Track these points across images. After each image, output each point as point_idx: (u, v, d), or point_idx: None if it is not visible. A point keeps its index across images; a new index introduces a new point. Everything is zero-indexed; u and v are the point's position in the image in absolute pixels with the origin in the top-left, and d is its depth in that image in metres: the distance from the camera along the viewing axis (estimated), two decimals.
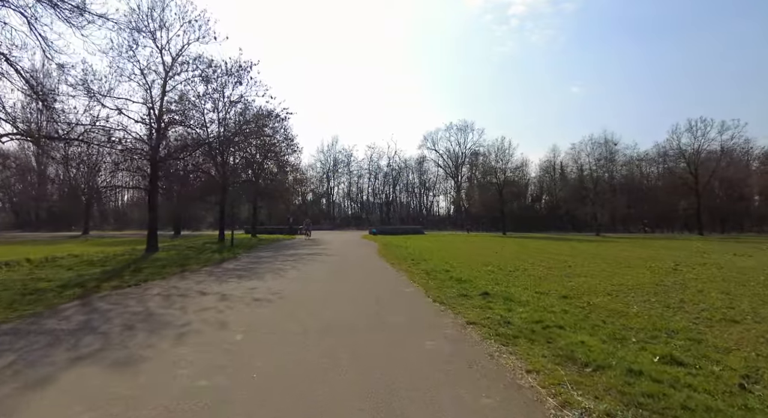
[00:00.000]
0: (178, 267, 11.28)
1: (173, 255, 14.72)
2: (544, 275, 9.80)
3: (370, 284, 8.54)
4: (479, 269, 10.96)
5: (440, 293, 7.13)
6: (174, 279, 9.08)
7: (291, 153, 28.14)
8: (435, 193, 72.58)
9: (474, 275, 9.74)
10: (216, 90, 23.66)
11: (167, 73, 15.43)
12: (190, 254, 15.11)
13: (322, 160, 68.70)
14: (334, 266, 12.02)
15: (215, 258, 13.70)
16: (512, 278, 9.28)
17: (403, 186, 71.44)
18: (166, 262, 12.55)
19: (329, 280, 9.14)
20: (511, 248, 20.56)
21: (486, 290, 7.21)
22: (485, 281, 8.57)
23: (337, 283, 8.73)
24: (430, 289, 7.61)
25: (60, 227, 50.42)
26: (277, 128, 25.65)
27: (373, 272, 10.78)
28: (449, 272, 10.02)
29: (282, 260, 13.46)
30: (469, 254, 16.55)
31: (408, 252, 16.79)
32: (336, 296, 7.16)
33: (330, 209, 69.82)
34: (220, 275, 9.88)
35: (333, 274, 10.19)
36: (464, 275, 9.60)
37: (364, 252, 17.45)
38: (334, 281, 9.04)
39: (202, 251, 16.74)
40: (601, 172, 44.58)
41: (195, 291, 7.50)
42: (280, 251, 18.00)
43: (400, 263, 12.61)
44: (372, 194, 71.58)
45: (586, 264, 12.51)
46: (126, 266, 11.44)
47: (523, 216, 54.14)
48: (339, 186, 71.23)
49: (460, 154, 70.77)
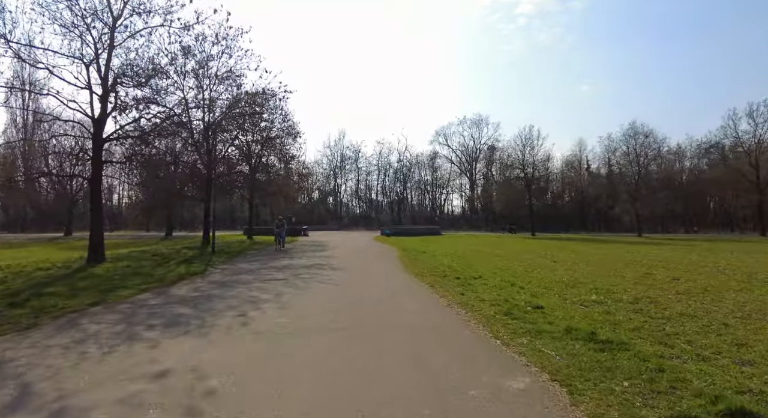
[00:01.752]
0: (98, 295, 7.10)
1: (119, 269, 10.59)
2: (723, 315, 5.34)
3: (421, 349, 4.20)
4: (580, 299, 6.59)
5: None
6: (36, 335, 4.87)
7: (292, 140, 23.86)
8: (449, 191, 67.98)
9: (596, 318, 5.39)
10: (200, 64, 19.67)
11: (116, 19, 11.26)
12: (143, 267, 10.95)
13: (329, 155, 64.51)
14: (340, 292, 7.74)
15: (170, 276, 9.50)
16: (676, 324, 4.90)
17: (414, 184, 66.90)
18: (91, 283, 8.39)
19: (333, 332, 4.84)
20: (566, 255, 16.07)
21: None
22: (655, 340, 4.21)
23: (347, 342, 4.43)
24: (573, 380, 3.26)
25: (48, 227, 47.01)
26: (271, 108, 21.43)
27: (409, 305, 6.47)
28: (547, 315, 5.62)
29: (265, 280, 9.22)
30: (525, 265, 12.15)
31: (440, 263, 12.47)
32: (348, 404, 2.85)
33: (337, 208, 65.63)
34: (139, 320, 5.60)
35: (339, 314, 5.89)
36: (581, 320, 5.26)
37: (382, 264, 13.15)
38: (342, 336, 4.73)
39: (166, 261, 12.60)
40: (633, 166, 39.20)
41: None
42: (270, 260, 13.78)
43: (440, 284, 8.29)
44: (381, 193, 67.22)
45: (712, 281, 8.01)
46: (16, 293, 7.31)
47: (547, 215, 49.34)
48: (346, 184, 66.99)
49: (474, 149, 66.07)
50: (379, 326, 5.07)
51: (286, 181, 27.90)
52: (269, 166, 25.68)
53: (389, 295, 7.29)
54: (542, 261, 13.41)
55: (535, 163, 36.58)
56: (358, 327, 5.03)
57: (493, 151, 63.84)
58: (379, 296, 7.20)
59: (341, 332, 4.79)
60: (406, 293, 7.57)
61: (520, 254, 16.66)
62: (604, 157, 51.34)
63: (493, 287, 7.92)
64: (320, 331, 4.83)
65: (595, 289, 7.86)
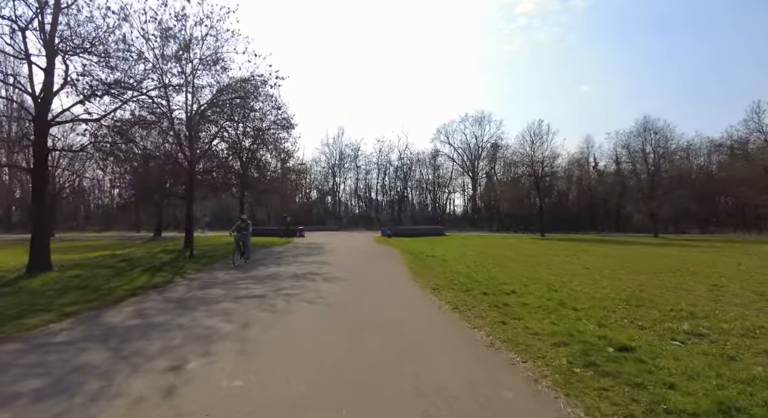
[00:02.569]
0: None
1: (63, 281, 8.53)
2: None
3: None
4: (665, 330, 4.57)
5: None
6: None
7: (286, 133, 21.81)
8: (450, 191, 65.86)
9: (740, 375, 3.37)
10: (181, 47, 17.62)
11: None
12: (95, 278, 8.90)
13: (327, 153, 62.44)
14: (333, 318, 5.71)
15: (119, 292, 7.44)
16: None
17: (415, 182, 64.82)
18: (5, 302, 6.36)
19: (323, 402, 2.83)
20: (595, 260, 14.08)
21: None
22: None
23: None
24: None
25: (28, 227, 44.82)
26: (261, 96, 19.38)
27: (433, 346, 4.44)
28: (649, 366, 3.61)
29: (237, 297, 7.19)
30: (556, 273, 10.12)
31: (455, 270, 10.45)
32: None
33: (336, 207, 63.53)
34: (8, 383, 3.61)
35: (328, 369, 3.87)
36: (721, 379, 3.24)
37: (386, 271, 11.15)
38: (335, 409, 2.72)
39: (131, 269, 10.57)
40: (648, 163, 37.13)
41: None
42: (253, 267, 11.77)
43: (466, 303, 6.27)
44: (381, 192, 65.11)
45: None
46: None
47: (553, 214, 47.28)
48: (345, 182, 64.87)
49: (477, 147, 63.98)
50: (397, 399, 3.05)
51: (282, 179, 25.87)
52: (260, 161, 23.60)
53: (401, 323, 5.28)
54: (573, 268, 11.40)
55: (544, 160, 34.53)
56: (361, 403, 3.01)
57: (497, 149, 61.85)
58: (387, 323, 5.19)
59: (330, 415, 2.77)
60: (425, 320, 5.55)
61: (539, 257, 14.66)
62: (613, 155, 49.49)
63: (539, 309, 5.90)
64: (294, 414, 2.81)
65: (673, 310, 5.86)
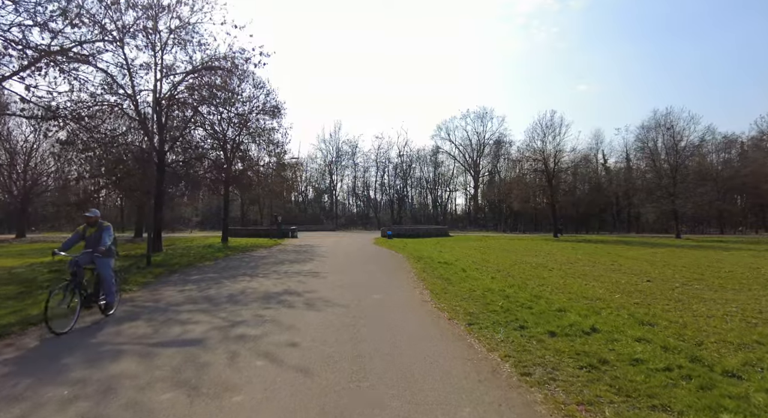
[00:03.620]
0: None
1: None
2: None
3: None
4: None
5: None
6: None
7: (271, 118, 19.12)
8: (452, 189, 63.21)
9: None
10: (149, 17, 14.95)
11: None
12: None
13: (324, 149, 59.72)
14: (313, 399, 3.04)
15: None
16: None
17: (415, 181, 62.17)
18: None
19: None
20: (651, 268, 11.45)
21: None
22: None
23: None
24: None
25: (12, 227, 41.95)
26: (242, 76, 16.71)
27: None
28: None
29: (164, 343, 4.53)
30: (620, 291, 7.48)
31: (484, 286, 7.78)
32: None
33: (333, 206, 60.80)
34: None
35: None
36: None
37: (391, 288, 8.48)
38: None
39: (46, 285, 7.88)
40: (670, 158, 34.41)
41: None
42: (218, 281, 9.08)
43: (539, 358, 3.64)
44: (380, 190, 62.39)
45: None
46: None
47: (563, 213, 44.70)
48: (343, 181, 62.16)
49: (479, 144, 61.23)
50: None
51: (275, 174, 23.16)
52: (246, 153, 20.88)
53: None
54: (631, 280, 8.74)
55: (557, 155, 31.94)
56: None
57: (500, 146, 59.27)
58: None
59: None
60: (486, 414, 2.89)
61: (576, 264, 12.02)
62: (623, 151, 47.05)
63: (678, 379, 3.26)
64: None
65: None
